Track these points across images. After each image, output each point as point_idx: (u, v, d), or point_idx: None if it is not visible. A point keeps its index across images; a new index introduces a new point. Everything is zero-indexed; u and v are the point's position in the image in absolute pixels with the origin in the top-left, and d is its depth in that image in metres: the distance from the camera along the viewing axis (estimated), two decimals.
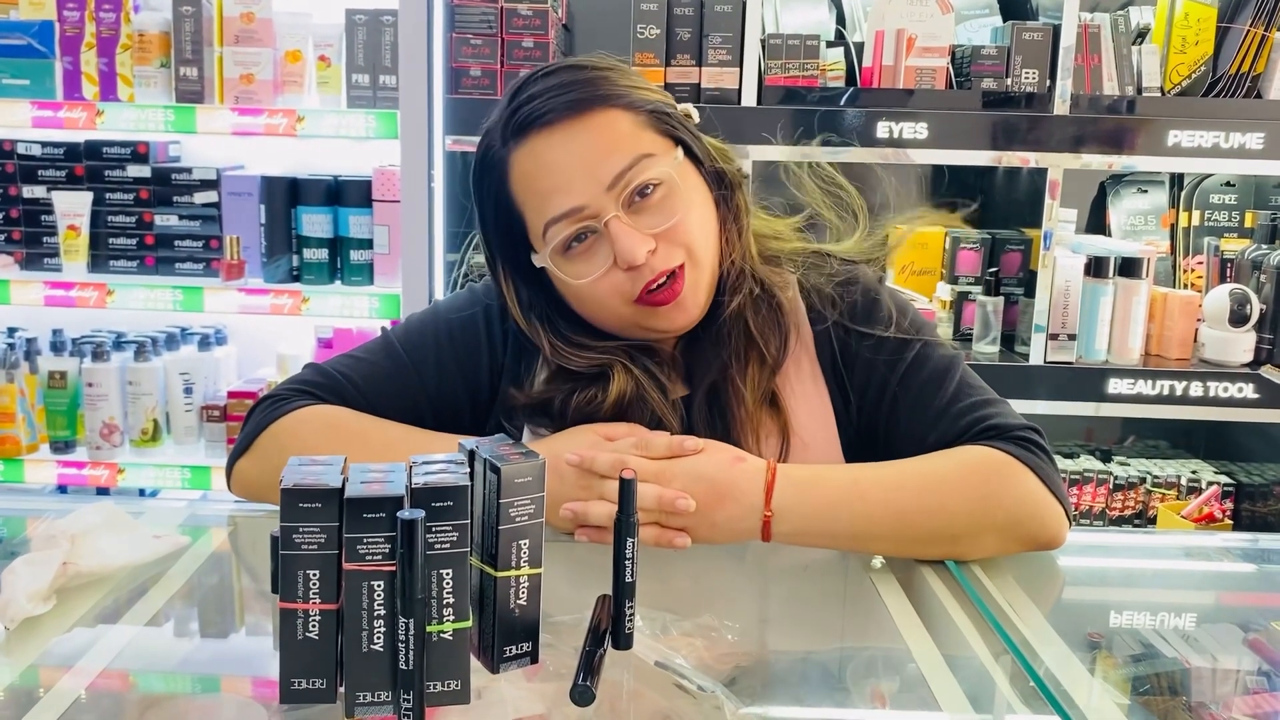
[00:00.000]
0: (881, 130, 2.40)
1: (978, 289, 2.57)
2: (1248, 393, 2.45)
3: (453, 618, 0.76)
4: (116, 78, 2.53)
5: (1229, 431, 2.76)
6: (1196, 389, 2.45)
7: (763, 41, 2.43)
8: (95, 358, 2.58)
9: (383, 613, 0.74)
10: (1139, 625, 1.07)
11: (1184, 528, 2.45)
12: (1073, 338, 2.47)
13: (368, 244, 2.57)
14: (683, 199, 1.15)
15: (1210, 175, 2.69)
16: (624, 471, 0.86)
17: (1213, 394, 2.45)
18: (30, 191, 2.64)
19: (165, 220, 2.63)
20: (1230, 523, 2.60)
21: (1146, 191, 2.77)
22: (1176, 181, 2.75)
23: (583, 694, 0.77)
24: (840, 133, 2.40)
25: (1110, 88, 2.46)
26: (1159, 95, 2.47)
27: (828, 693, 0.91)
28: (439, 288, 2.49)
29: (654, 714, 0.82)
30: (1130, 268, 2.46)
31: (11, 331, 2.69)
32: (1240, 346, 2.47)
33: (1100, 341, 2.47)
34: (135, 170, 2.62)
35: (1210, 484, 2.60)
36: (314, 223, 2.57)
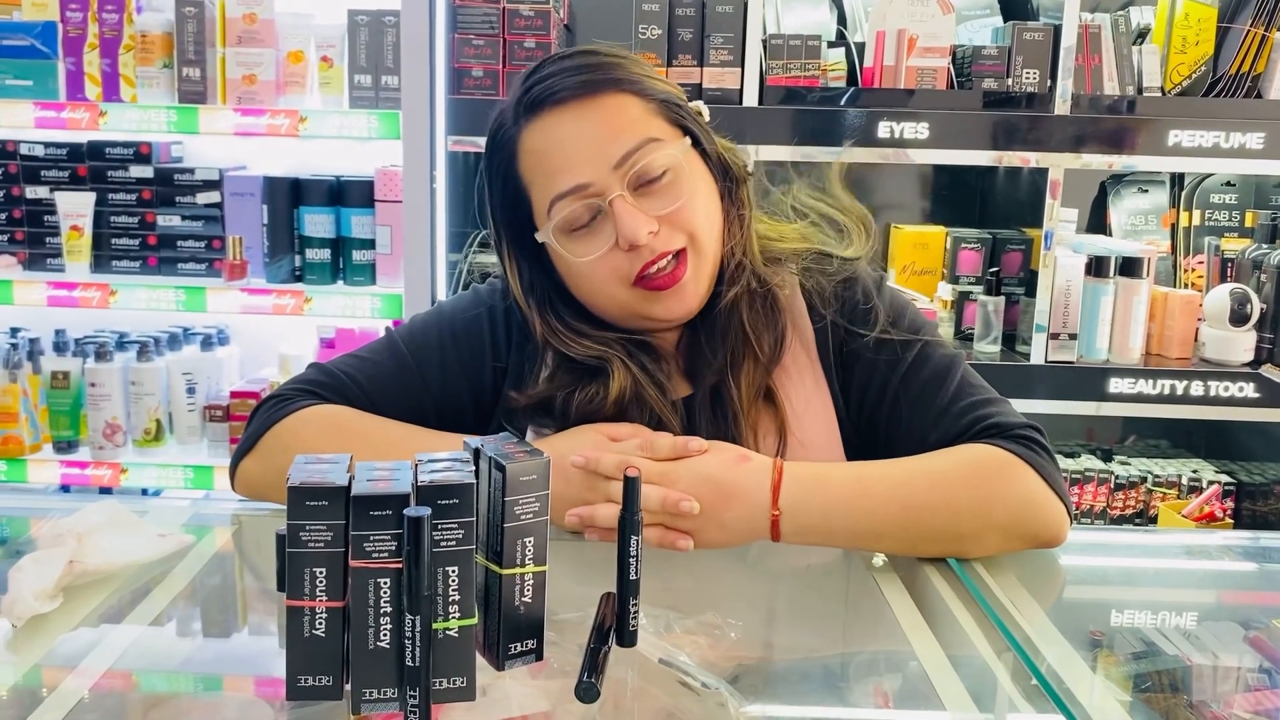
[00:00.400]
0: (883, 130, 2.40)
1: (979, 289, 2.57)
2: (1248, 392, 2.45)
3: (458, 615, 0.76)
4: (119, 78, 2.54)
5: (1229, 431, 2.76)
6: (1197, 388, 2.45)
7: (764, 42, 2.44)
8: (98, 358, 2.58)
9: (389, 610, 0.75)
10: (1140, 623, 1.08)
11: (1185, 527, 2.45)
12: (1074, 337, 2.48)
13: (370, 244, 2.57)
14: (688, 185, 1.17)
15: (1210, 175, 2.70)
16: (628, 470, 0.87)
17: (1213, 393, 2.45)
18: (33, 192, 2.64)
19: (168, 220, 2.64)
20: (1231, 522, 2.60)
21: (1147, 191, 2.77)
22: (1177, 181, 2.75)
23: (587, 691, 0.78)
24: (841, 133, 2.40)
25: (1111, 88, 2.46)
26: (1159, 95, 2.47)
27: (831, 690, 0.91)
28: (441, 288, 2.50)
29: (658, 711, 0.83)
30: (1131, 267, 2.46)
31: (14, 332, 2.69)
32: (1241, 346, 2.48)
33: (1101, 341, 2.48)
34: (138, 171, 2.63)
35: (1211, 483, 2.60)
36: (316, 223, 2.58)
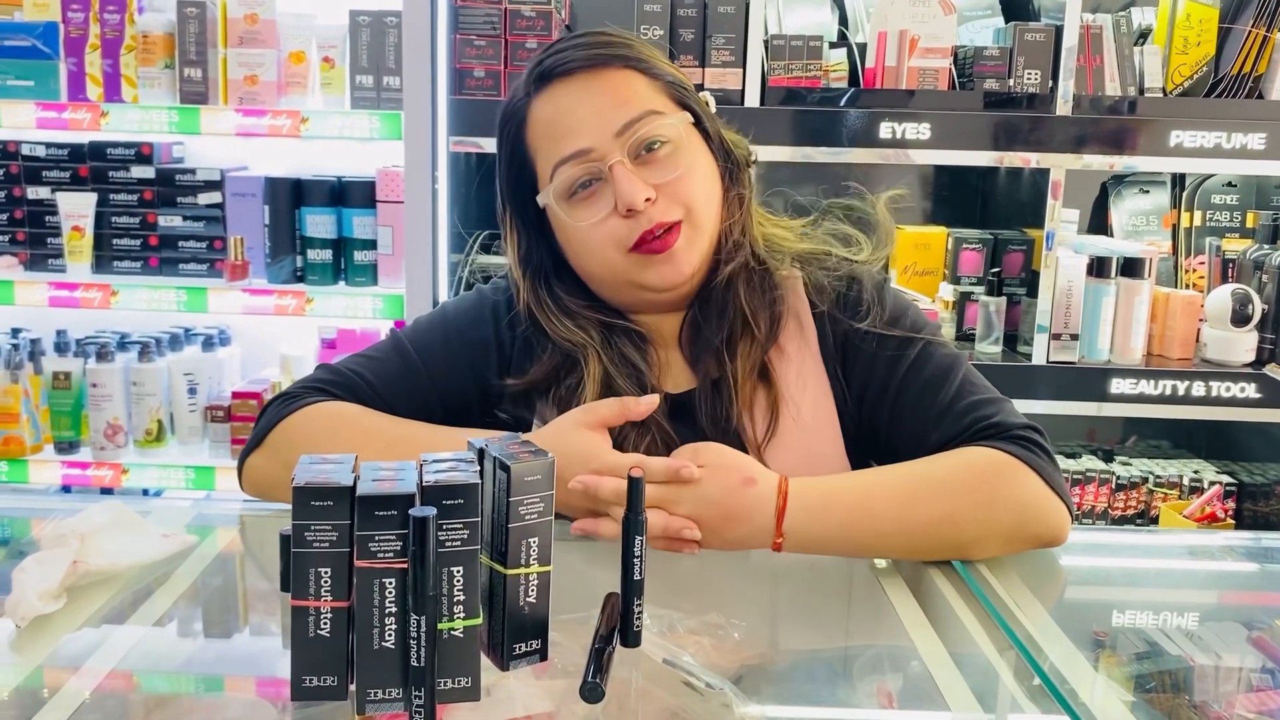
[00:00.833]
0: (884, 131, 2.40)
1: (980, 289, 2.57)
2: (1250, 392, 2.45)
3: (463, 615, 0.76)
4: (121, 79, 2.54)
5: (1231, 431, 2.76)
6: (1198, 389, 2.45)
7: (765, 42, 2.44)
8: (99, 358, 2.58)
9: (394, 610, 0.75)
10: (1143, 623, 1.08)
11: (1186, 527, 2.45)
12: (1075, 338, 2.48)
13: (371, 245, 2.57)
14: (687, 158, 1.20)
15: (1212, 175, 2.70)
16: (632, 470, 0.87)
17: (1215, 394, 2.45)
18: (35, 192, 2.64)
19: (169, 221, 2.64)
20: (1232, 522, 2.60)
21: (1148, 192, 2.77)
22: (1178, 182, 2.75)
23: (592, 691, 0.78)
24: (843, 133, 2.41)
25: (1112, 88, 2.46)
26: (1161, 96, 2.47)
27: (834, 690, 0.91)
28: (443, 288, 2.50)
29: (662, 711, 0.83)
30: (1132, 268, 2.46)
31: (16, 332, 2.69)
32: (1242, 346, 2.48)
33: (1102, 341, 2.48)
34: (139, 171, 2.63)
35: (1212, 484, 2.60)
36: (318, 223, 2.58)
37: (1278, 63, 2.44)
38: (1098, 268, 2.46)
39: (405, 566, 0.74)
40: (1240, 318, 2.45)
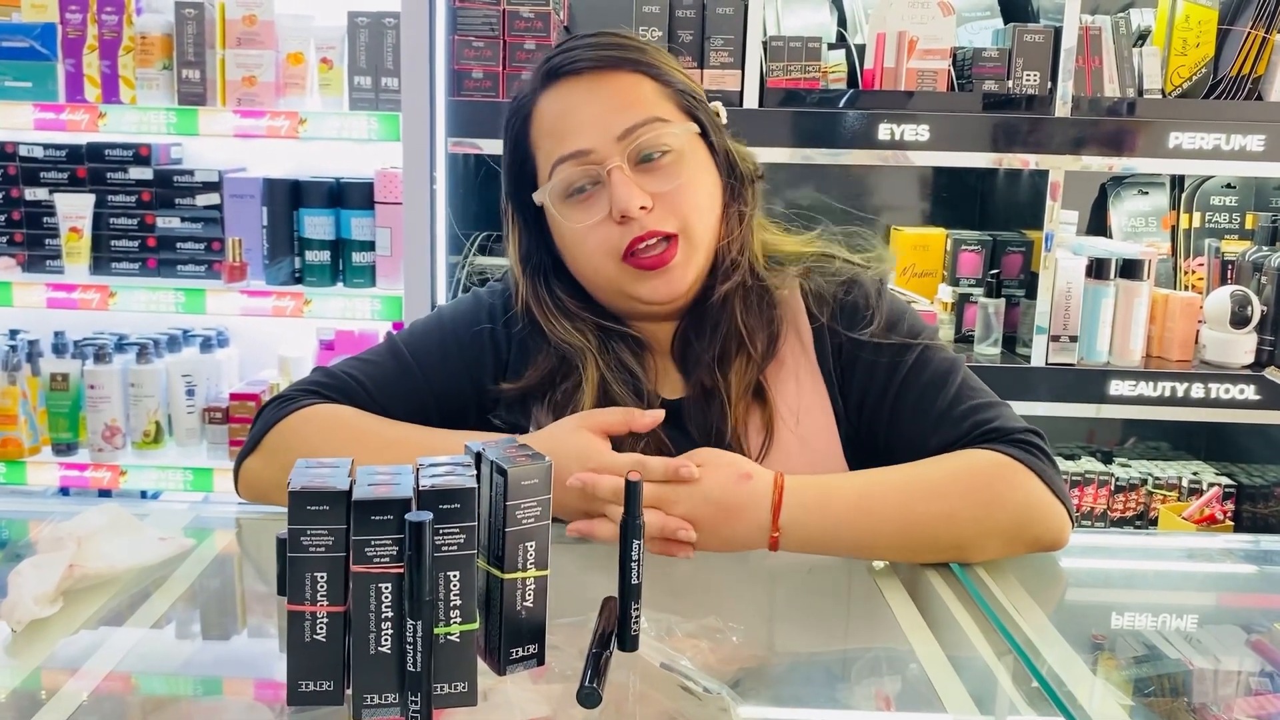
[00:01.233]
0: (883, 132, 2.40)
1: (979, 291, 2.57)
2: (1249, 394, 2.45)
3: (460, 620, 0.76)
4: (118, 80, 2.54)
5: (1230, 433, 2.76)
6: (1198, 390, 2.45)
7: (764, 44, 2.44)
8: (97, 360, 2.58)
9: (390, 615, 0.74)
10: (1141, 626, 1.08)
11: (1185, 529, 2.45)
12: (1074, 339, 2.48)
13: (370, 246, 2.57)
14: (688, 170, 1.19)
15: (1211, 177, 2.70)
16: (630, 474, 0.87)
17: (1214, 396, 2.45)
18: (32, 193, 2.64)
19: (167, 222, 2.63)
20: (1231, 524, 2.60)
21: (1147, 193, 2.77)
22: (1177, 183, 2.75)
23: (589, 696, 0.78)
24: (841, 135, 2.40)
25: (1111, 90, 2.46)
26: (1160, 97, 2.48)
27: (832, 694, 0.91)
28: (441, 290, 2.50)
29: (659, 716, 0.83)
30: (1131, 269, 2.46)
31: (13, 333, 2.69)
32: (1241, 348, 2.47)
33: (1101, 343, 2.48)
34: (137, 172, 2.63)
35: (1211, 485, 2.60)
36: (316, 225, 2.57)
37: (1277, 64, 2.44)
38: (1097, 269, 2.46)
39: (401, 571, 0.73)
40: (1239, 319, 2.45)
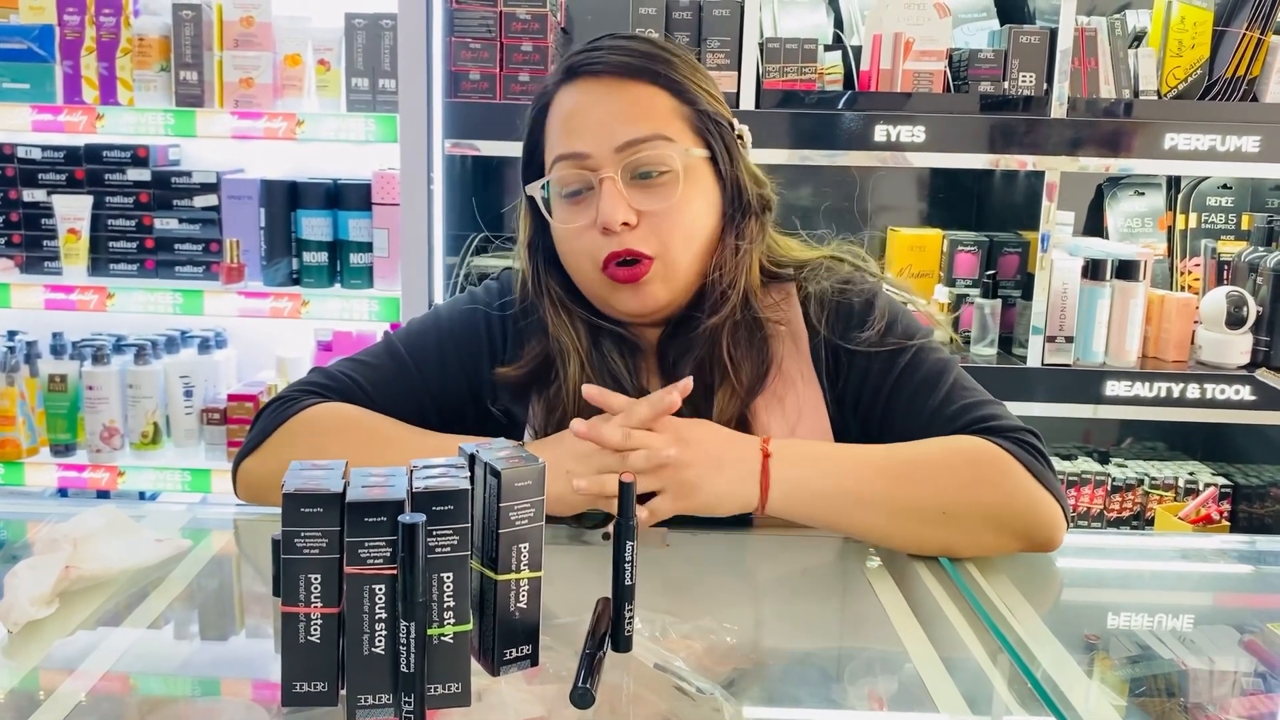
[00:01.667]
0: (879, 134, 2.41)
1: (975, 291, 2.58)
2: (1244, 394, 2.45)
3: (453, 621, 0.76)
4: (116, 81, 2.54)
5: (1226, 433, 2.76)
6: (1193, 391, 2.46)
7: (761, 45, 2.44)
8: (95, 361, 2.58)
9: (384, 616, 0.75)
10: (1136, 627, 1.08)
11: (1181, 529, 2.45)
12: (1070, 340, 2.48)
13: (367, 247, 2.57)
14: (684, 194, 1.17)
15: (1207, 178, 2.70)
16: (623, 475, 0.87)
17: (1210, 396, 2.46)
18: (30, 195, 2.64)
19: (165, 224, 2.64)
20: (1228, 524, 2.60)
21: (1143, 194, 2.77)
22: (1173, 184, 2.75)
23: (582, 696, 0.78)
24: (838, 136, 2.41)
25: (1107, 91, 2.46)
26: (1155, 98, 2.48)
27: (826, 694, 0.91)
28: (438, 291, 2.50)
29: (653, 716, 0.83)
30: (1127, 270, 2.47)
31: (11, 335, 2.69)
32: (1237, 349, 2.48)
33: (1098, 344, 2.48)
34: (135, 174, 2.63)
35: (1208, 486, 2.60)
36: (314, 226, 2.58)
37: (1272, 65, 2.44)
38: (1093, 270, 2.46)
39: (395, 573, 0.74)
40: (1235, 320, 2.45)
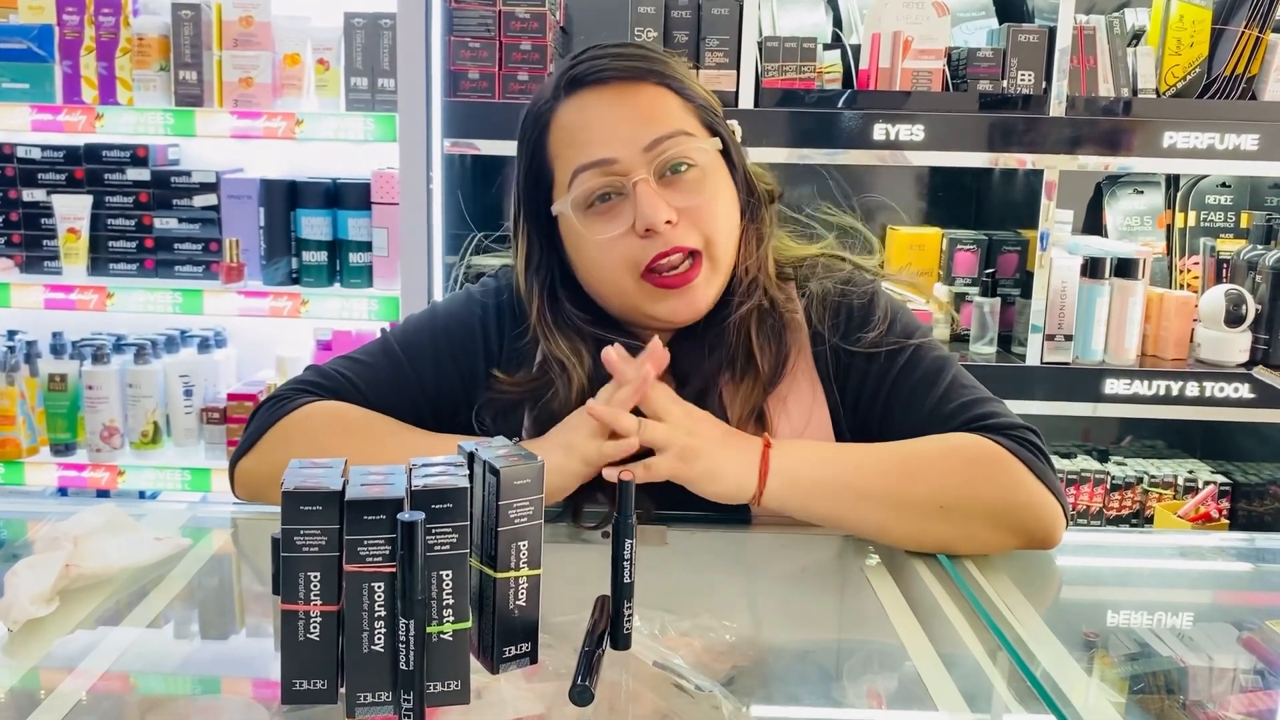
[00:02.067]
0: (878, 132, 2.41)
1: (975, 290, 2.58)
2: (1243, 393, 2.45)
3: (452, 619, 0.76)
4: (116, 81, 2.54)
5: (1225, 431, 2.77)
6: (1193, 389, 2.46)
7: (760, 44, 2.44)
8: (95, 360, 2.58)
9: (383, 614, 0.75)
10: (1135, 624, 1.08)
11: (1181, 527, 2.45)
12: (1069, 338, 2.48)
13: (367, 246, 2.57)
14: (712, 185, 1.18)
15: (1206, 176, 2.70)
16: (622, 473, 0.87)
17: (1209, 394, 2.46)
18: (30, 195, 2.64)
19: (165, 223, 2.64)
20: (1226, 522, 2.60)
21: (1142, 192, 2.77)
22: (1172, 182, 2.75)
23: (581, 694, 0.78)
24: (837, 135, 2.41)
25: (1106, 89, 2.46)
26: (1154, 97, 2.48)
27: (825, 692, 0.92)
28: (438, 290, 2.50)
29: (652, 714, 0.83)
30: (1126, 268, 2.47)
31: (11, 334, 2.69)
32: (1236, 347, 2.48)
33: (1097, 342, 2.48)
34: (135, 173, 2.63)
35: (1207, 483, 2.61)
36: (313, 225, 2.58)
37: (1270, 63, 2.44)
38: (1092, 268, 2.46)
39: (394, 570, 0.74)
40: (1234, 318, 2.45)
